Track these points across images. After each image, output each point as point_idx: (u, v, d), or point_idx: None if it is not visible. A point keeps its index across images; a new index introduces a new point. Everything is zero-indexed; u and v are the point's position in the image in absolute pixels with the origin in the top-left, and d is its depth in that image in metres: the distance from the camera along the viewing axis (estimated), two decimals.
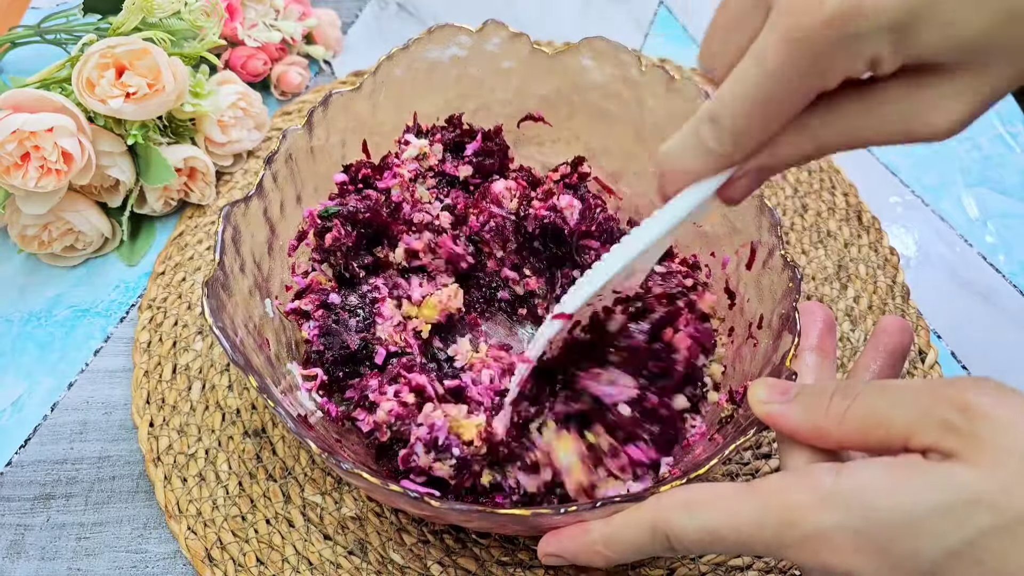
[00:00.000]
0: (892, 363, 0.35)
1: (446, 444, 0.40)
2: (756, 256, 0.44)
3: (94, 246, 0.58)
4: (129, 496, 0.47)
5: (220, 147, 0.61)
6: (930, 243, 0.62)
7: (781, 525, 0.27)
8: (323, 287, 0.47)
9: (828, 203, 0.62)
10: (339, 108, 0.48)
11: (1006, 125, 0.69)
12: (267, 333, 0.43)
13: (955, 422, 0.26)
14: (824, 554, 0.27)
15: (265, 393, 0.35)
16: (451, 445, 0.40)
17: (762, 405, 0.32)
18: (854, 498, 0.26)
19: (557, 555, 0.34)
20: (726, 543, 0.29)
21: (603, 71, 0.51)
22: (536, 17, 0.78)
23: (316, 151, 0.47)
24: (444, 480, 0.41)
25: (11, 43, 0.66)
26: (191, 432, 0.49)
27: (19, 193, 0.52)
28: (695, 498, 0.30)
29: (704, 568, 0.44)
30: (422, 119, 0.52)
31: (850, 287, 0.57)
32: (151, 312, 0.54)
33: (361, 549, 0.45)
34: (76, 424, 0.50)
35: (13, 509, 0.46)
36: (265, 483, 0.47)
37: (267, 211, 0.44)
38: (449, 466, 0.40)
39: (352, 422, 0.43)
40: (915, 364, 0.53)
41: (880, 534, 0.26)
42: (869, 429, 0.28)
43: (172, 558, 0.45)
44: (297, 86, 0.69)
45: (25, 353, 0.53)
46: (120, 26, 0.57)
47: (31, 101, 0.52)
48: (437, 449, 0.40)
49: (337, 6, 0.78)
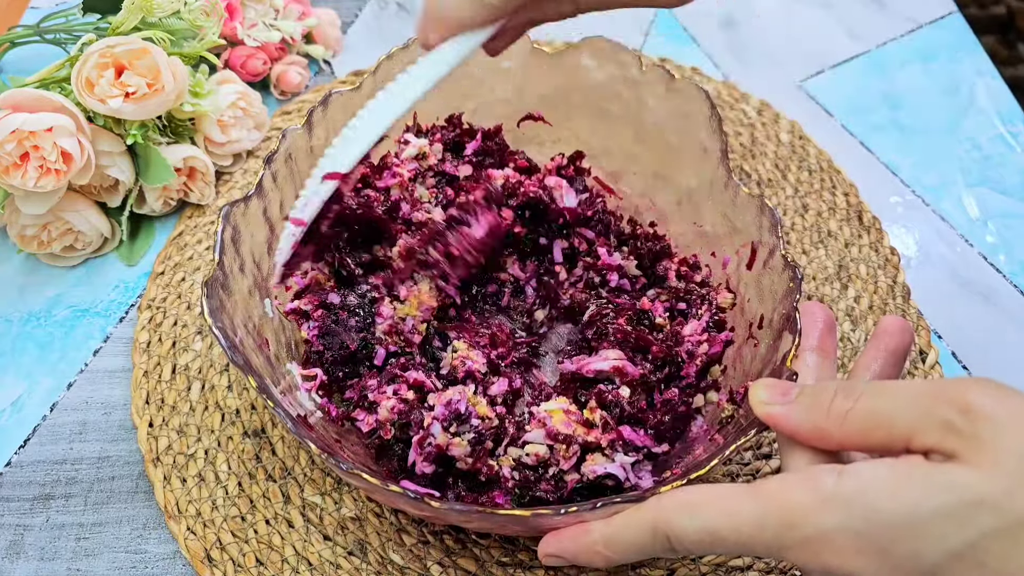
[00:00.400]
0: (893, 363, 0.35)
1: (467, 414, 0.41)
2: (757, 256, 0.43)
3: (93, 246, 0.58)
4: (128, 496, 0.47)
5: (220, 147, 0.61)
6: (931, 243, 0.62)
7: (782, 526, 0.27)
8: (322, 287, 0.47)
9: (828, 203, 0.62)
10: (339, 108, 0.47)
11: (1006, 125, 0.69)
12: (266, 333, 0.43)
13: (957, 423, 0.26)
14: (825, 555, 0.27)
15: (264, 393, 0.35)
16: (471, 415, 0.41)
17: (763, 406, 0.32)
18: (855, 499, 0.26)
19: (557, 555, 0.34)
20: (726, 544, 0.29)
21: (603, 71, 0.51)
22: None
23: (316, 151, 0.47)
24: (444, 480, 0.41)
25: (10, 43, 0.66)
26: (190, 432, 0.49)
27: (18, 193, 0.52)
28: (696, 499, 0.30)
29: (704, 569, 0.44)
30: (422, 118, 0.52)
31: (850, 287, 0.57)
32: (150, 312, 0.54)
33: (361, 550, 0.45)
34: (75, 424, 0.50)
35: (12, 509, 0.46)
36: (265, 483, 0.47)
37: (267, 211, 0.44)
38: (468, 441, 0.40)
39: (352, 422, 0.43)
40: (916, 364, 0.53)
41: (881, 535, 0.26)
42: (870, 430, 0.28)
43: (171, 558, 0.45)
44: (297, 86, 0.69)
45: (24, 353, 0.53)
46: (119, 26, 0.56)
47: (30, 101, 0.52)
48: (459, 420, 0.41)
49: (337, 6, 0.78)
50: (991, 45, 1.42)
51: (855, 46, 0.76)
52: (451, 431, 0.40)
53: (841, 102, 0.71)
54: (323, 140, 0.47)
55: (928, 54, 0.74)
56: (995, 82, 0.72)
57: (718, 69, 0.74)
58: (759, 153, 0.65)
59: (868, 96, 0.71)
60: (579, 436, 0.40)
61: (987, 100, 0.71)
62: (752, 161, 0.64)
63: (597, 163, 0.54)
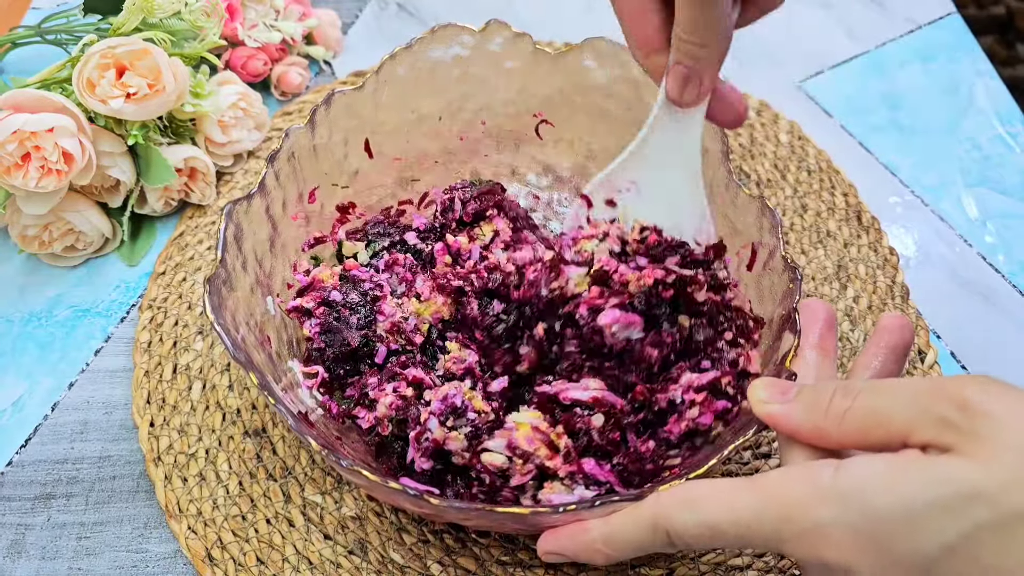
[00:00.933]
0: (894, 360, 0.35)
1: (463, 408, 0.41)
2: (757, 257, 0.44)
3: (94, 246, 0.58)
4: (129, 496, 0.47)
5: (220, 147, 0.61)
6: (930, 243, 0.62)
7: (779, 520, 0.28)
8: (324, 285, 0.47)
9: (828, 203, 0.62)
10: (342, 107, 0.48)
11: (1006, 125, 0.69)
12: (268, 330, 0.43)
13: (954, 419, 0.26)
14: (822, 549, 0.27)
15: (266, 390, 0.35)
16: (468, 409, 0.41)
17: (762, 405, 0.32)
18: (852, 493, 0.26)
19: (556, 553, 0.34)
20: (726, 538, 0.29)
21: (605, 72, 0.51)
22: (537, 17, 0.78)
23: (319, 149, 0.47)
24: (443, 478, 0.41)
25: (12, 43, 0.66)
26: (191, 432, 0.49)
27: (20, 193, 0.52)
28: (695, 494, 0.30)
29: (704, 568, 0.44)
30: (423, 119, 0.52)
31: (850, 287, 0.57)
32: (151, 312, 0.54)
33: (361, 549, 0.45)
34: (76, 424, 0.50)
35: (14, 509, 0.46)
36: (265, 483, 0.47)
37: (269, 209, 0.44)
38: (464, 435, 0.40)
39: (352, 420, 0.43)
40: (915, 364, 0.53)
41: (877, 529, 0.26)
42: (869, 428, 0.28)
43: (172, 558, 0.45)
44: (297, 86, 0.69)
45: (25, 353, 0.53)
46: (120, 26, 0.57)
47: (32, 101, 0.52)
48: (455, 414, 0.40)
49: (337, 6, 0.78)
50: (990, 45, 1.42)
51: (854, 46, 0.76)
52: (447, 425, 0.40)
53: (840, 102, 0.71)
54: (326, 139, 0.48)
55: (927, 54, 0.75)
56: (994, 82, 0.72)
57: None
58: (758, 153, 0.65)
59: (867, 96, 0.72)
60: (539, 457, 0.38)
61: (986, 100, 0.71)
62: (751, 161, 0.65)
63: (599, 164, 0.54)
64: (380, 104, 0.50)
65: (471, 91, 0.53)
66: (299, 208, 0.47)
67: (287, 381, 0.42)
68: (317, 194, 0.49)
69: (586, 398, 0.40)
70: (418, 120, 0.52)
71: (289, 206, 0.46)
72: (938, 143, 0.68)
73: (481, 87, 0.53)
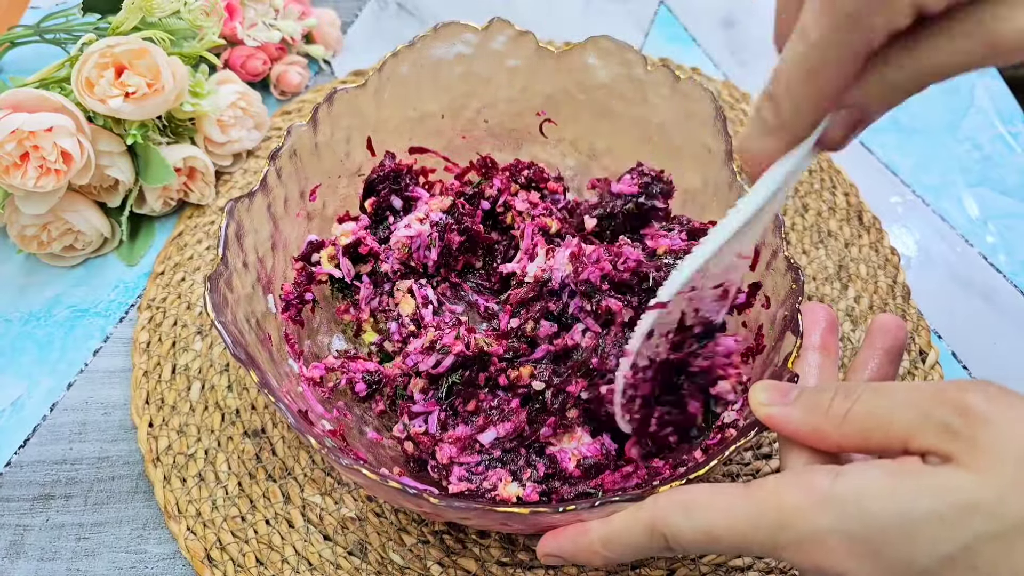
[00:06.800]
0: (889, 360, 0.35)
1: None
2: (760, 257, 0.43)
3: (93, 246, 0.58)
4: (128, 496, 0.47)
5: (219, 147, 0.61)
6: (931, 243, 0.62)
7: (776, 527, 0.27)
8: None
9: (829, 203, 0.62)
10: (344, 105, 0.47)
11: (1006, 125, 0.69)
12: (269, 328, 0.43)
13: (954, 425, 0.26)
14: (818, 557, 0.27)
15: (266, 388, 0.35)
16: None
17: (763, 407, 0.32)
18: (850, 502, 0.26)
19: (556, 555, 0.34)
20: (722, 543, 0.29)
21: (608, 70, 0.51)
22: (536, 17, 0.78)
23: (320, 147, 0.47)
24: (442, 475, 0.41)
25: (10, 43, 0.66)
26: (190, 432, 0.48)
27: (18, 193, 0.52)
28: (693, 499, 0.30)
29: (704, 569, 0.44)
30: (425, 117, 0.52)
31: (851, 287, 0.57)
32: (150, 312, 0.54)
33: (361, 550, 0.45)
34: (75, 424, 0.50)
35: (12, 509, 0.46)
36: (265, 483, 0.47)
37: (271, 207, 0.44)
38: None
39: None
40: (916, 364, 0.53)
41: (874, 538, 0.26)
42: (869, 431, 0.28)
43: (171, 558, 0.45)
44: (296, 86, 0.69)
45: (24, 353, 0.53)
46: (119, 26, 0.56)
47: (30, 101, 0.52)
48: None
49: (337, 6, 0.78)
50: None
51: None
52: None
53: None
54: (328, 137, 0.47)
55: None
56: (995, 82, 0.72)
57: (718, 69, 0.74)
58: None
59: None
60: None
61: (987, 100, 0.71)
62: None
63: (601, 163, 0.54)
64: (382, 102, 0.50)
65: (473, 89, 0.53)
66: (300, 206, 0.47)
67: (287, 380, 0.42)
68: (318, 192, 0.48)
69: (568, 457, 0.41)
70: (420, 118, 0.52)
71: (291, 204, 0.46)
72: (939, 143, 0.68)
73: (483, 85, 0.52)
